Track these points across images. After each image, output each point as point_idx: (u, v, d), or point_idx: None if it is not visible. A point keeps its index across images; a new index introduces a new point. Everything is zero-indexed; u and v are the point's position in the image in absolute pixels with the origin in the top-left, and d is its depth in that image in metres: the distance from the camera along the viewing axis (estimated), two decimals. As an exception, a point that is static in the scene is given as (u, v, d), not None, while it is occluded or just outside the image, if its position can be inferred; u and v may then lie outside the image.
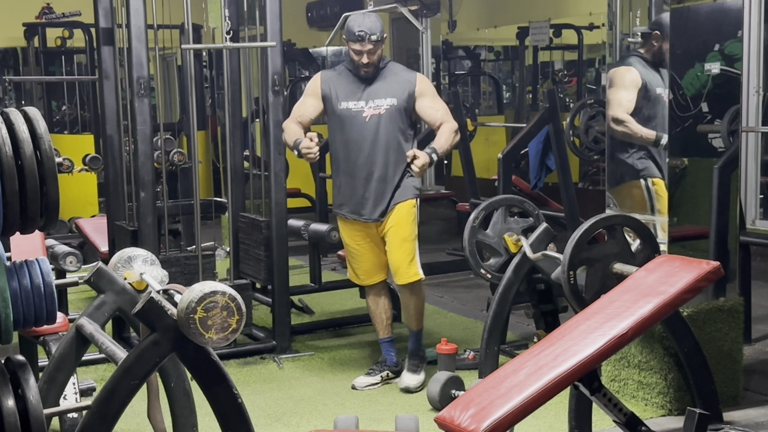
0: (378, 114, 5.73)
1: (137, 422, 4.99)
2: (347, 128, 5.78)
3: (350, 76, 5.82)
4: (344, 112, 5.78)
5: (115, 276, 4.48)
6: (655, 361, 5.25)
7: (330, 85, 5.83)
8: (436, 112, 5.82)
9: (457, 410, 3.46)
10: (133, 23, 6.08)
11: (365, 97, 5.76)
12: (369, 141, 5.74)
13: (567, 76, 12.94)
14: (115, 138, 6.81)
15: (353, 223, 5.90)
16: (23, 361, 3.07)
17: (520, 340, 6.74)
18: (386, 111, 5.73)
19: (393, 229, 5.81)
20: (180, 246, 7.43)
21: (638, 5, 5.64)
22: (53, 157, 2.95)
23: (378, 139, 5.73)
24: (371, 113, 5.74)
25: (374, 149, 5.74)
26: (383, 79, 5.80)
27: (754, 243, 6.93)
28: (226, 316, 3.37)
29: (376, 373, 5.98)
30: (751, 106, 7.73)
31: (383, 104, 5.74)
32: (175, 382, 4.77)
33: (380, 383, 5.93)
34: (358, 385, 5.89)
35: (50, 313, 3.11)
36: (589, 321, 3.86)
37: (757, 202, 7.96)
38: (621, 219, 5.03)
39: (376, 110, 5.74)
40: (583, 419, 4.87)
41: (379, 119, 5.73)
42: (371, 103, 5.75)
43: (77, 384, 5.07)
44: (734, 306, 5.41)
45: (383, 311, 6.05)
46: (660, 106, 5.49)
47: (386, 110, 5.73)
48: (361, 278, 6.07)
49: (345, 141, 5.80)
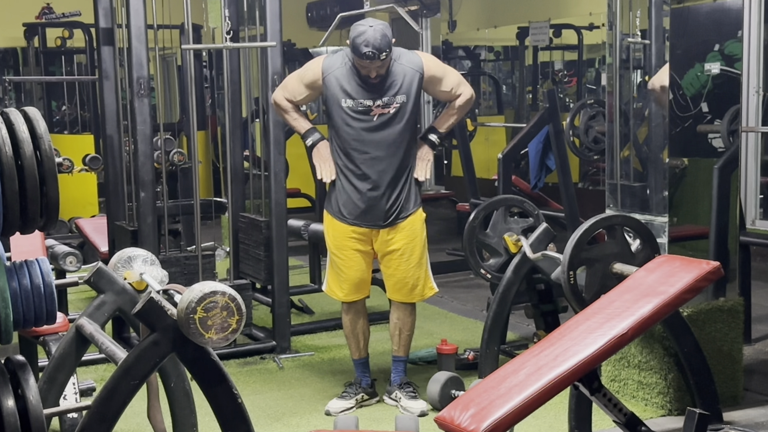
0: (387, 113, 5.27)
1: (137, 422, 4.99)
2: (352, 128, 5.30)
3: (355, 71, 5.28)
4: (349, 110, 5.28)
5: (115, 276, 4.48)
6: (655, 361, 5.25)
7: (333, 79, 5.32)
8: (449, 92, 5.44)
9: (457, 410, 3.46)
10: (133, 23, 6.08)
11: (374, 93, 5.26)
12: (376, 142, 5.29)
13: (567, 76, 12.94)
14: (115, 138, 6.81)
15: (350, 228, 5.43)
16: (23, 361, 3.07)
17: (520, 340, 6.74)
18: (395, 109, 5.28)
19: (409, 245, 5.44)
20: (180, 246, 7.43)
21: (638, 5, 5.64)
22: (53, 157, 2.95)
23: (386, 141, 5.29)
24: (380, 112, 5.27)
25: (382, 151, 5.29)
26: (391, 73, 5.29)
27: (754, 243, 6.93)
28: (226, 316, 3.37)
29: (351, 396, 5.57)
30: (751, 106, 7.71)
31: (393, 102, 5.27)
32: (175, 382, 4.77)
33: (355, 407, 5.52)
34: (333, 410, 5.45)
35: (50, 313, 3.11)
36: (589, 321, 3.86)
37: (757, 202, 7.94)
38: (621, 219, 5.03)
39: (385, 109, 5.27)
40: (583, 419, 4.87)
41: (388, 119, 5.28)
42: (379, 102, 5.26)
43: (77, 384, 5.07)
44: (734, 306, 5.41)
45: (362, 331, 5.64)
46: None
47: (395, 108, 5.28)
48: (344, 293, 5.56)
49: (349, 141, 5.31)
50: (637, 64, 5.74)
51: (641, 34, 5.64)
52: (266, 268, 6.68)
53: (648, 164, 5.66)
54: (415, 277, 5.50)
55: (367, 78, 5.25)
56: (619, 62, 5.77)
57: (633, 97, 5.76)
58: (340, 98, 5.31)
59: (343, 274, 5.53)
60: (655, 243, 4.98)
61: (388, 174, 5.33)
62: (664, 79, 5.52)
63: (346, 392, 5.62)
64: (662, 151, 5.57)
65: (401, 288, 5.53)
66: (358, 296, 5.58)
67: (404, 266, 5.47)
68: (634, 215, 5.28)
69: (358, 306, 5.63)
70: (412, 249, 5.46)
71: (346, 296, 5.57)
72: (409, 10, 11.07)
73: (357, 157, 5.34)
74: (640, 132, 5.72)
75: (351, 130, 5.33)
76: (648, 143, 5.64)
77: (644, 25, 5.61)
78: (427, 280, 5.56)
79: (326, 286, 5.68)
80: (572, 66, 12.94)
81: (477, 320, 7.28)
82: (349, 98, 5.30)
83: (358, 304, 5.62)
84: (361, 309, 5.64)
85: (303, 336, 7.10)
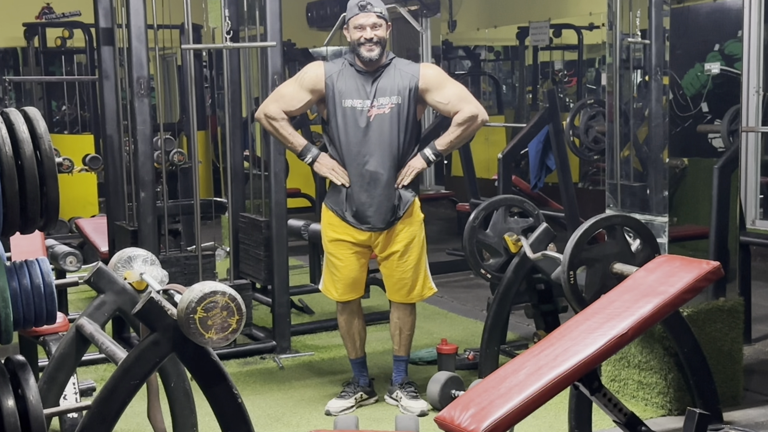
0: (382, 113, 5.29)
1: (137, 422, 4.99)
2: (350, 128, 5.31)
3: (354, 72, 5.35)
4: (348, 110, 5.30)
5: (115, 276, 4.48)
6: (655, 361, 5.25)
7: (334, 81, 5.34)
8: (446, 105, 5.38)
9: (457, 410, 3.47)
10: (133, 23, 6.08)
11: (370, 95, 5.30)
12: (372, 142, 5.30)
13: (567, 76, 12.94)
14: (115, 138, 6.81)
15: (348, 229, 5.43)
16: (23, 361, 3.07)
17: (520, 340, 6.74)
18: (390, 110, 5.29)
19: (408, 247, 5.44)
20: (180, 246, 7.43)
21: (638, 5, 5.64)
22: (53, 157, 2.95)
23: (382, 141, 5.30)
24: (375, 113, 5.29)
25: (378, 151, 5.30)
26: (388, 75, 5.34)
27: (754, 243, 6.93)
28: (226, 316, 3.37)
29: (350, 395, 5.57)
30: (751, 106, 7.72)
31: (387, 103, 5.29)
32: (175, 382, 4.77)
33: (355, 406, 5.52)
34: (333, 410, 5.46)
35: (50, 313, 3.11)
36: (589, 321, 3.86)
37: (757, 202, 7.95)
38: (621, 219, 5.03)
39: (380, 109, 5.29)
40: (583, 419, 4.87)
41: (383, 119, 5.29)
42: (375, 102, 5.29)
43: (77, 384, 5.07)
44: (734, 306, 5.41)
45: (357, 331, 5.63)
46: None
47: (390, 109, 5.29)
48: (338, 292, 5.54)
49: (347, 141, 5.32)
50: (637, 64, 5.74)
51: (641, 34, 5.64)
52: (266, 268, 6.68)
53: (648, 164, 5.66)
54: (414, 278, 5.49)
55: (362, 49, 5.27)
56: (619, 62, 5.77)
57: (633, 96, 5.76)
58: (341, 99, 5.32)
59: (338, 273, 5.51)
60: (655, 243, 4.98)
61: (384, 175, 5.32)
62: None
63: (344, 392, 5.61)
64: (662, 151, 5.57)
65: (400, 289, 5.52)
66: (352, 296, 5.56)
67: (402, 267, 5.46)
68: (634, 215, 5.28)
69: (353, 306, 5.61)
70: (411, 251, 5.45)
71: (341, 296, 5.55)
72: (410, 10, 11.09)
73: (354, 157, 5.34)
74: (640, 132, 5.72)
75: (349, 129, 5.33)
76: (648, 143, 5.64)
77: (644, 25, 5.61)
78: (426, 281, 5.55)
79: (323, 285, 5.67)
80: (572, 66, 12.94)
81: (477, 320, 7.28)
82: (349, 98, 5.31)
83: (352, 304, 5.60)
84: (356, 309, 5.62)
85: (303, 336, 7.10)
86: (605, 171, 6.23)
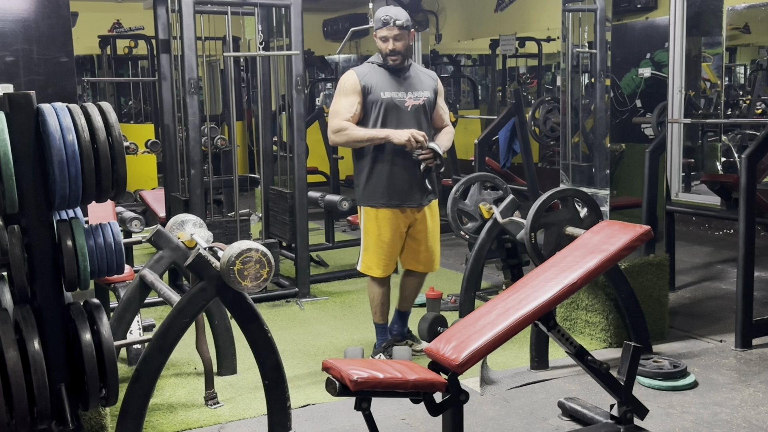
0: (418, 104, 4.90)
1: (188, 352, 4.99)
2: (391, 117, 4.87)
3: (383, 71, 4.92)
4: (388, 101, 4.85)
5: (170, 236, 4.47)
6: (599, 305, 5.24)
7: (368, 79, 4.87)
8: (444, 114, 5.12)
9: (441, 343, 3.45)
10: (186, 35, 6.04)
11: (405, 88, 4.90)
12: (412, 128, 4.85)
13: (529, 78, 12.89)
14: (171, 127, 6.80)
15: (397, 212, 4.96)
16: (98, 303, 3.06)
17: (492, 288, 6.74)
18: (423, 102, 4.93)
19: (434, 224, 5.09)
20: (222, 212, 7.40)
21: (586, 22, 5.61)
22: (122, 141, 2.93)
23: (419, 128, 4.88)
24: (412, 103, 4.88)
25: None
26: (414, 74, 4.98)
27: (677, 211, 6.92)
28: (259, 268, 3.36)
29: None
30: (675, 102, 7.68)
31: (422, 96, 4.92)
32: (218, 320, 4.78)
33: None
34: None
35: (119, 265, 3.10)
36: (547, 272, 3.84)
37: (679, 179, 7.93)
38: (572, 192, 5.01)
39: (416, 101, 4.90)
40: (541, 350, 4.88)
41: (419, 109, 4.91)
42: (411, 94, 4.90)
43: (141, 321, 5.07)
44: (661, 261, 5.40)
45: (389, 300, 5.16)
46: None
47: (423, 102, 4.93)
48: (383, 270, 5.03)
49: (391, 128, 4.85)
50: (585, 69, 5.71)
51: (588, 45, 5.61)
52: (291, 230, 6.66)
53: (593, 148, 5.64)
54: (436, 250, 5.16)
55: (387, 59, 4.89)
56: (571, 67, 5.74)
57: (582, 95, 5.73)
58: (380, 92, 4.87)
59: (389, 255, 5.01)
60: (599, 211, 4.96)
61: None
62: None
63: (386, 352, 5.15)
64: (605, 138, 5.54)
65: (426, 259, 5.13)
66: (391, 271, 5.07)
67: (431, 241, 5.10)
68: (583, 189, 5.26)
69: (389, 278, 5.11)
70: (435, 227, 5.13)
71: (385, 273, 5.04)
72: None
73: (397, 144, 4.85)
74: (587, 123, 5.70)
75: (390, 118, 4.88)
76: (593, 131, 5.62)
77: (591, 37, 5.58)
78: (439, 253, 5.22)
79: (362, 266, 5.06)
80: (533, 70, 12.91)
81: (458, 272, 7.27)
82: (387, 91, 4.88)
83: (389, 277, 5.11)
84: (389, 282, 5.14)
85: (320, 284, 7.09)
86: (560, 153, 6.20)
